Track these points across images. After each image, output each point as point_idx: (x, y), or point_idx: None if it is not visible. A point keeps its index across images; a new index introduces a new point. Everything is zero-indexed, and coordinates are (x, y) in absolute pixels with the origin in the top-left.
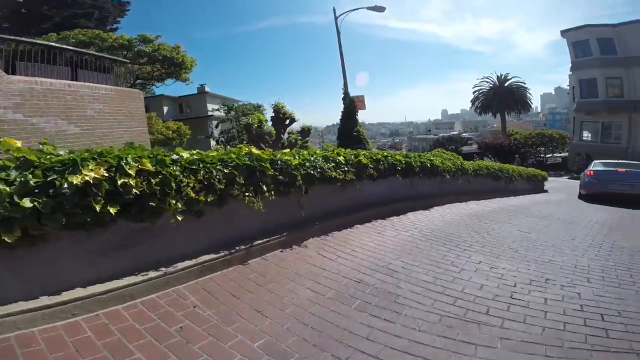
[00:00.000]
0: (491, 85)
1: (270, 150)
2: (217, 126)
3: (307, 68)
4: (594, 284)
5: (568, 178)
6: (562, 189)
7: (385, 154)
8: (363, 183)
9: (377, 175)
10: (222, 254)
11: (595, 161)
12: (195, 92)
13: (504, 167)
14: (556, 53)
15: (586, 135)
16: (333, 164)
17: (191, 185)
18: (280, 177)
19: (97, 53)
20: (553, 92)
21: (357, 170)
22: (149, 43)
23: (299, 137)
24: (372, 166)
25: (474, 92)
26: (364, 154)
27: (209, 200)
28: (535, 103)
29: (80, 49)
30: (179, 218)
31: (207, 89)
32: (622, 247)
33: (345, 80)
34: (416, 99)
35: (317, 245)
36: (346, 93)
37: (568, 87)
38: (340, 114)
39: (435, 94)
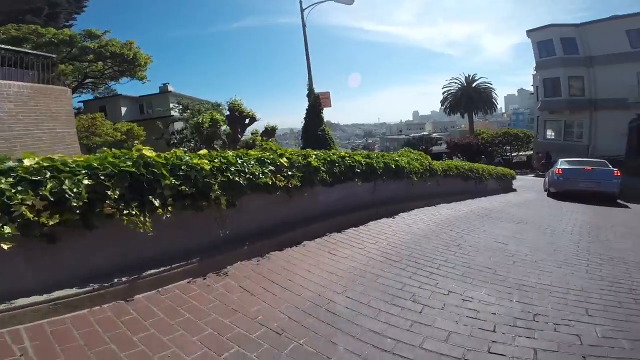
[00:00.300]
0: (459, 86)
1: (181, 151)
2: (173, 126)
3: (285, 68)
4: (595, 318)
5: (534, 176)
6: (529, 187)
7: (343, 154)
8: (315, 190)
9: (332, 180)
10: (90, 287)
11: (561, 159)
12: (158, 91)
13: (474, 166)
14: (518, 56)
15: (550, 133)
16: (272, 168)
17: (29, 202)
18: (185, 187)
19: (10, 47)
20: (516, 94)
21: (306, 175)
22: (96, 39)
23: (259, 138)
24: (324, 169)
25: (443, 93)
26: (315, 155)
27: (63, 220)
28: (500, 104)
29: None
30: (5, 247)
31: (170, 88)
32: (612, 258)
33: (310, 75)
34: (389, 101)
35: (243, 273)
36: (311, 90)
37: (531, 88)
38: (305, 111)
39: (407, 96)
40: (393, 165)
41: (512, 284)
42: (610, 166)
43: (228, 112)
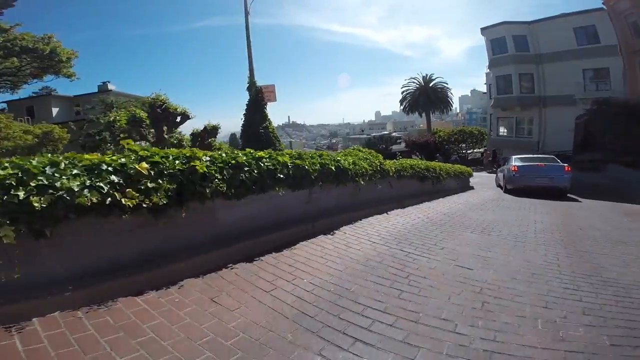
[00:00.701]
0: (417, 85)
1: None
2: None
3: (245, 68)
4: None
5: (488, 172)
6: (485, 184)
7: (261, 154)
8: (209, 206)
9: (238, 191)
10: None
11: (514, 157)
12: (96, 90)
13: (431, 165)
14: (472, 58)
15: (503, 130)
16: (116, 179)
17: None
18: None
19: None
20: (469, 94)
21: (189, 186)
22: (3, 32)
23: (187, 137)
24: (220, 177)
25: (402, 93)
26: (205, 156)
27: None
28: (455, 104)
29: None
30: None
31: (111, 86)
32: (605, 282)
33: (251, 66)
34: (353, 101)
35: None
36: (252, 82)
37: (484, 87)
38: (245, 107)
39: (371, 96)
40: (333, 167)
41: (483, 355)
42: (560, 162)
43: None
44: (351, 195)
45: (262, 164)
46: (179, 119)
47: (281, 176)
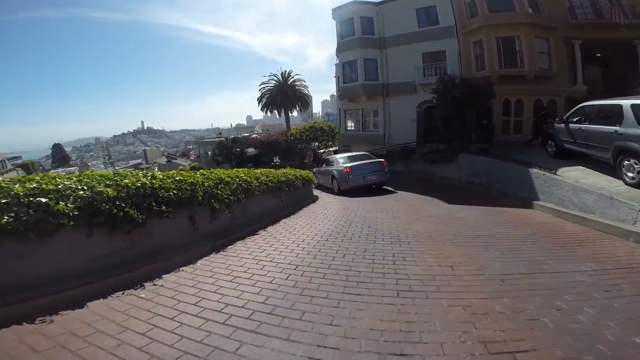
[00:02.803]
0: (276, 82)
1: None
2: None
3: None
4: None
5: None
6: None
7: None
8: None
9: None
10: None
11: (336, 156)
12: None
13: (226, 178)
14: (333, 65)
15: (350, 124)
16: None
17: None
18: None
19: None
20: (329, 99)
21: None
22: None
23: None
24: None
25: (259, 90)
26: None
27: None
28: (318, 108)
29: None
30: None
31: None
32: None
33: None
34: (224, 105)
35: None
36: None
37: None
38: None
39: (242, 100)
40: None
41: None
42: (375, 158)
43: None
44: None
45: None
46: None
47: None
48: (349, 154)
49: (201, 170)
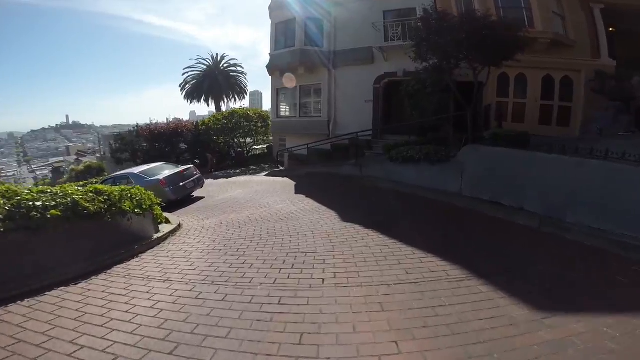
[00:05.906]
0: (205, 66)
1: None
2: None
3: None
4: None
5: (266, 175)
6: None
7: None
8: None
9: None
10: None
11: (133, 169)
12: None
13: None
14: None
15: (284, 109)
16: None
17: None
18: None
19: None
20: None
21: None
22: None
23: None
24: None
25: (183, 75)
26: None
27: None
28: (267, 106)
29: None
30: None
31: None
32: None
33: None
34: (164, 100)
35: None
36: None
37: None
38: None
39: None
40: None
41: None
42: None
43: None
44: None
45: None
46: None
47: None
48: (146, 167)
49: None
